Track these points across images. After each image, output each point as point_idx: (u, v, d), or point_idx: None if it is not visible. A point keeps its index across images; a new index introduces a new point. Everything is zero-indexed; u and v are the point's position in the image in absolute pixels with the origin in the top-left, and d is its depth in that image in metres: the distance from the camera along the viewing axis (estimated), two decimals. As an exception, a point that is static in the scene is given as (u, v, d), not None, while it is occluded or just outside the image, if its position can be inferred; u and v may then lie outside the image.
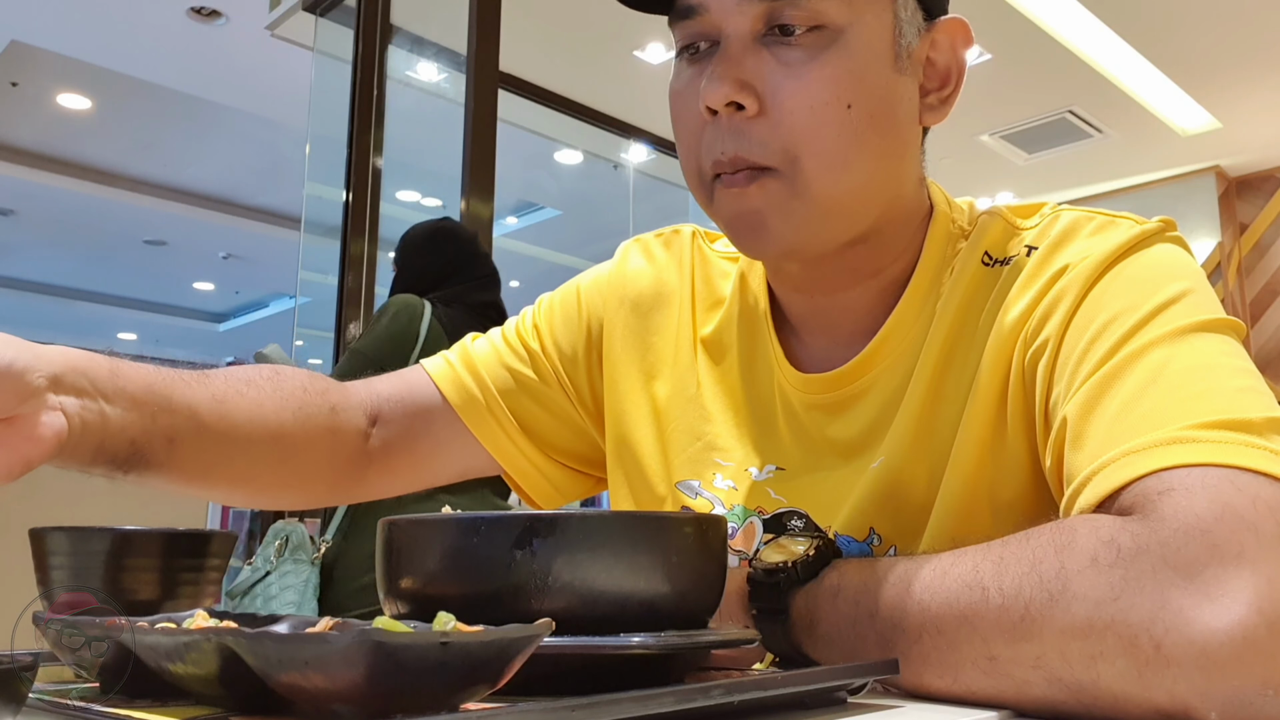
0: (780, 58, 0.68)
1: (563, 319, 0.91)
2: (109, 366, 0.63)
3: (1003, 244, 0.75)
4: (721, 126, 0.69)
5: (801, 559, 0.61)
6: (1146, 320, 0.63)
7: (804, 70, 0.68)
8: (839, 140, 0.68)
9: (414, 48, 4.19)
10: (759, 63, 0.68)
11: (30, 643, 0.50)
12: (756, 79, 0.68)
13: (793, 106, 0.68)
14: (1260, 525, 0.49)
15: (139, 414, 0.63)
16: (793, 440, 0.79)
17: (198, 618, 0.49)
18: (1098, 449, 0.59)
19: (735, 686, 0.44)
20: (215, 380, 0.73)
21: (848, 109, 0.68)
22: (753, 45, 0.69)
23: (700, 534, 0.51)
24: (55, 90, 5.74)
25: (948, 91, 0.75)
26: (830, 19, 0.68)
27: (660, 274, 0.90)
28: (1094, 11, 4.18)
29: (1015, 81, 4.78)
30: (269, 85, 5.24)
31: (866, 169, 0.70)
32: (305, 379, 0.82)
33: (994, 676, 0.53)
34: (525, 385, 0.89)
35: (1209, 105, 5.07)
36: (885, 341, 0.76)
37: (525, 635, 0.38)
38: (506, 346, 0.91)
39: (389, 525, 0.51)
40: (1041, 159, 5.68)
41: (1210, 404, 0.57)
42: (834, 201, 0.70)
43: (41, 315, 9.87)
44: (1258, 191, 5.89)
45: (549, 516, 0.48)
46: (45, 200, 7.19)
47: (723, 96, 0.68)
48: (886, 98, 0.70)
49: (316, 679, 0.35)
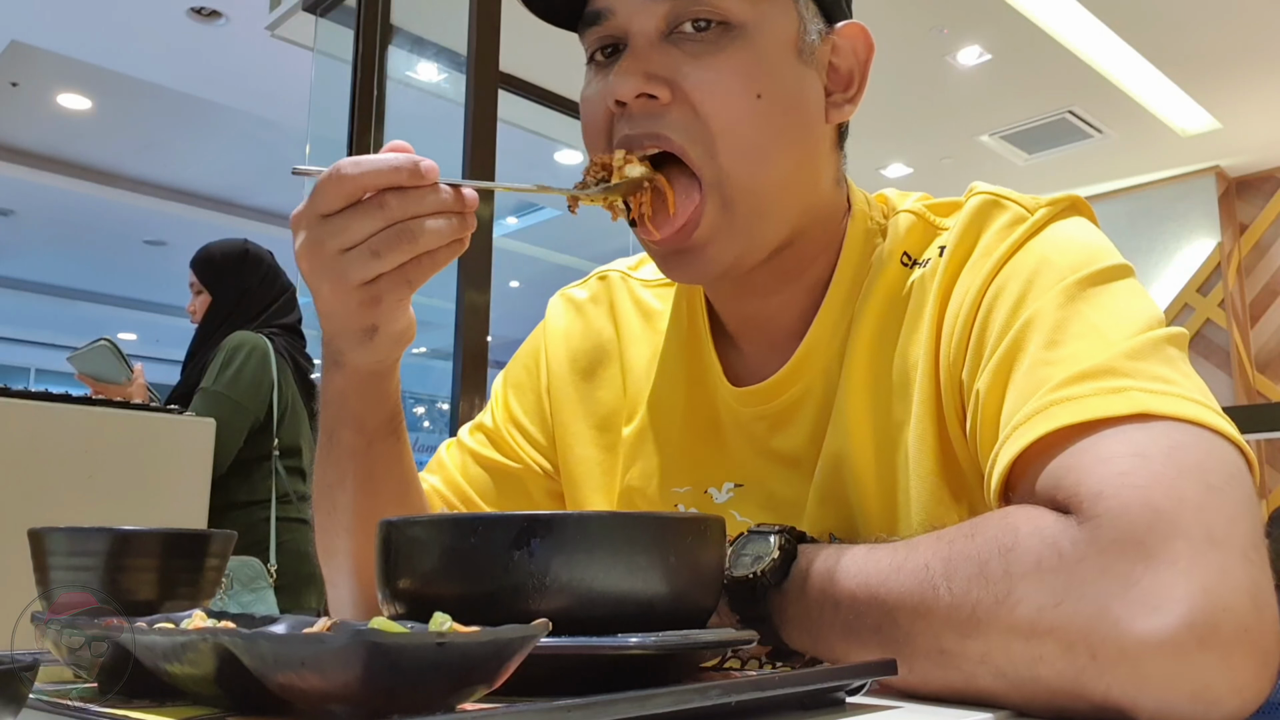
0: (688, 51, 0.70)
1: (521, 402, 0.92)
2: None
3: (922, 244, 0.76)
4: (632, 114, 0.70)
5: (770, 565, 0.62)
6: (1039, 291, 0.65)
7: (712, 60, 0.69)
8: (754, 131, 0.69)
9: (414, 48, 4.18)
10: (666, 57, 0.70)
11: (30, 643, 0.50)
12: (665, 71, 0.69)
13: (704, 94, 0.69)
14: (1189, 527, 0.50)
15: (398, 398, 0.75)
16: (745, 454, 0.79)
17: (196, 618, 0.49)
18: (1004, 420, 0.62)
19: (733, 687, 0.44)
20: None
21: (758, 98, 0.69)
22: (660, 43, 0.70)
23: (698, 534, 0.51)
24: (55, 90, 5.73)
25: (852, 93, 0.76)
26: (734, 15, 0.70)
27: (591, 329, 0.90)
28: (1094, 11, 4.17)
29: (1015, 81, 4.77)
30: (269, 85, 5.23)
31: (783, 163, 0.71)
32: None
33: (944, 668, 0.55)
34: (508, 476, 0.90)
35: (1209, 105, 5.06)
36: (813, 346, 0.76)
37: (522, 636, 0.38)
38: (482, 445, 0.91)
39: (388, 525, 0.51)
40: (1041, 159, 5.67)
41: (1090, 353, 0.60)
42: (756, 198, 0.70)
43: (41, 315, 9.86)
44: (1258, 191, 5.88)
45: (546, 517, 0.48)
46: (45, 200, 7.19)
47: (633, 88, 0.69)
48: (794, 89, 0.72)
49: (313, 679, 0.35)
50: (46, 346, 10.70)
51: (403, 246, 0.62)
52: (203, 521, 1.93)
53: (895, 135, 5.49)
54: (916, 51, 4.54)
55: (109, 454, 1.80)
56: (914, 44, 4.43)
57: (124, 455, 1.83)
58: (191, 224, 7.54)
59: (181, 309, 2.98)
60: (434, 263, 0.64)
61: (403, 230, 0.61)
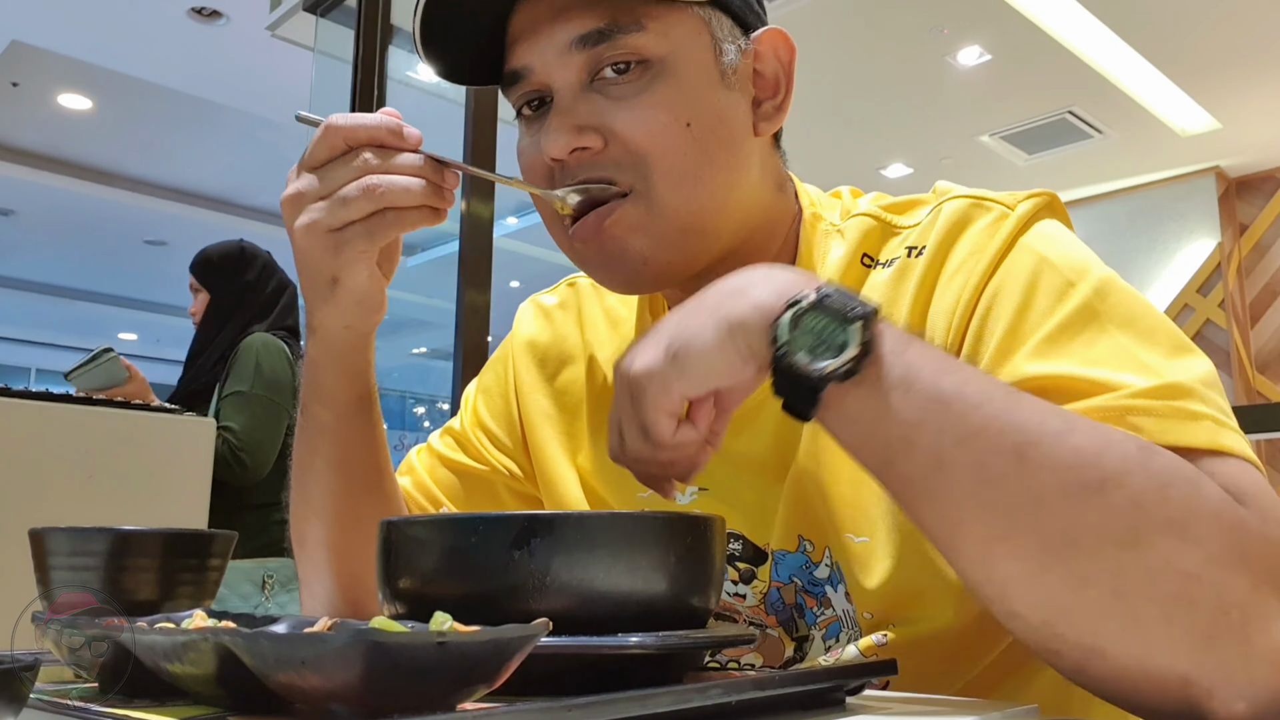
0: (612, 95, 0.70)
1: (489, 407, 0.93)
2: None
3: (880, 244, 0.76)
4: (569, 167, 0.71)
5: (848, 364, 0.52)
6: (1052, 285, 0.65)
7: (637, 101, 0.70)
8: (686, 157, 0.70)
9: (414, 48, 4.18)
10: (592, 106, 0.71)
11: (30, 643, 0.50)
12: (593, 120, 0.70)
13: (634, 135, 0.70)
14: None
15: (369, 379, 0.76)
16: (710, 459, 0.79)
17: (196, 618, 0.49)
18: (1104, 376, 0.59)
19: (733, 686, 0.44)
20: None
21: (687, 127, 0.70)
22: (583, 93, 0.71)
23: (698, 534, 0.51)
24: (55, 90, 5.73)
25: (780, 99, 0.77)
26: (650, 52, 0.70)
27: (559, 334, 0.91)
28: (1094, 11, 4.17)
29: (1015, 82, 4.77)
30: (269, 85, 5.23)
31: (716, 182, 0.72)
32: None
33: (1082, 554, 0.50)
34: (475, 479, 0.91)
35: (1209, 105, 5.07)
36: None
37: (522, 635, 0.38)
38: (450, 449, 0.92)
39: (388, 525, 0.51)
40: (1041, 159, 5.67)
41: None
42: (690, 217, 0.71)
43: (41, 315, 9.87)
44: (1258, 192, 5.88)
45: (547, 517, 0.48)
46: (45, 200, 7.19)
47: (565, 145, 0.70)
48: (722, 113, 0.73)
49: (313, 679, 0.35)
50: (46, 346, 10.70)
51: (370, 197, 0.65)
52: (203, 521, 1.93)
53: (895, 135, 5.49)
54: (916, 51, 4.54)
55: (109, 454, 1.80)
56: (914, 44, 4.43)
57: (124, 455, 1.83)
58: (191, 224, 7.54)
59: (182, 309, 2.98)
60: (399, 221, 0.66)
61: (373, 182, 0.65)
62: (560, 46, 0.70)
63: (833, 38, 4.39)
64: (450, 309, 2.60)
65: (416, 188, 0.66)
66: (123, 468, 1.82)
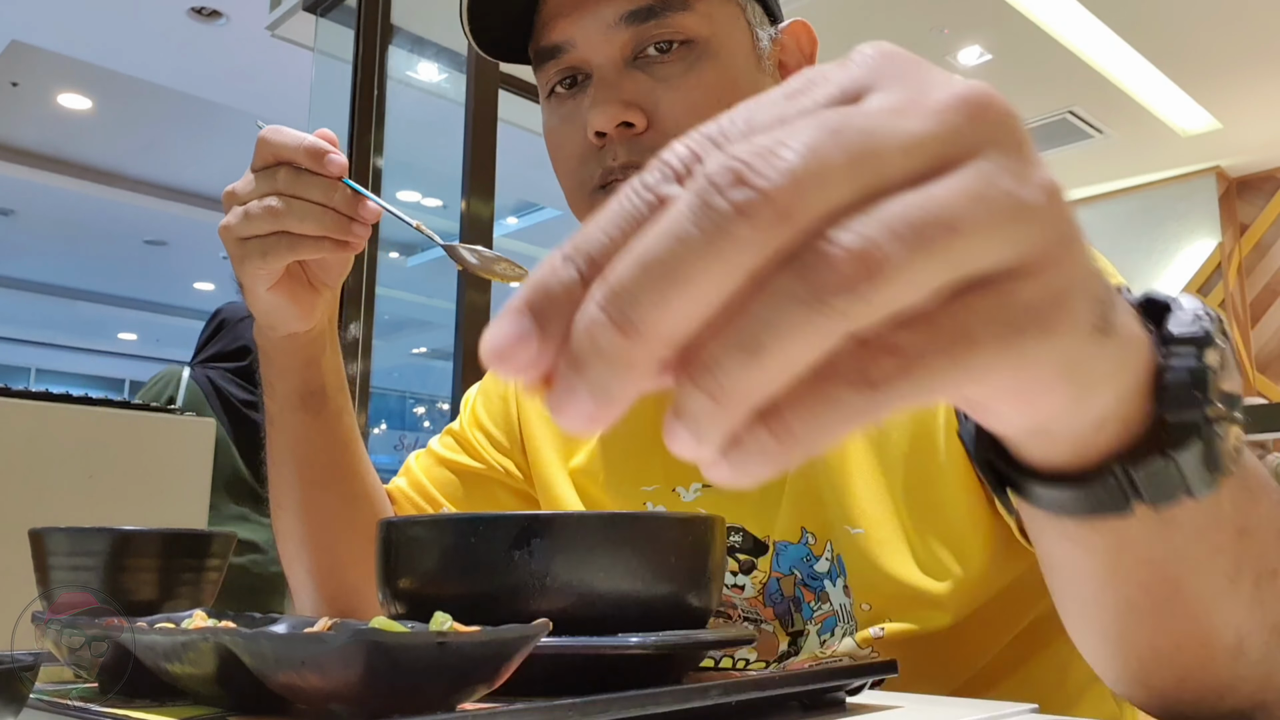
0: (657, 75, 0.70)
1: (488, 408, 0.93)
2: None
3: None
4: (613, 145, 0.70)
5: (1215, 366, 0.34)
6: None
7: (682, 82, 0.70)
8: None
9: (414, 48, 4.18)
10: (637, 84, 0.70)
11: (30, 643, 0.50)
12: (639, 98, 0.70)
13: (679, 117, 0.69)
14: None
15: (338, 378, 0.78)
16: None
17: (196, 618, 0.49)
18: None
19: (734, 686, 0.44)
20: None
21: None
22: (626, 70, 0.71)
23: (698, 534, 0.51)
24: (55, 90, 5.73)
25: None
26: (694, 33, 0.70)
27: None
28: (1094, 11, 4.17)
29: (1015, 81, 4.77)
30: (269, 85, 5.23)
31: None
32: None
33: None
34: (474, 477, 0.91)
35: (1209, 105, 5.06)
36: None
37: (522, 635, 0.38)
38: (450, 449, 0.92)
39: (388, 525, 0.51)
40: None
41: None
42: None
43: (41, 315, 9.86)
44: (1258, 192, 5.88)
45: (547, 517, 0.48)
46: (45, 200, 7.18)
47: (611, 118, 0.69)
48: None
49: (313, 678, 0.35)
50: (46, 346, 10.69)
51: (268, 216, 0.65)
52: (203, 521, 1.93)
53: (895, 135, 5.48)
54: (916, 51, 4.48)
55: (109, 454, 1.80)
56: (914, 44, 4.42)
57: (124, 455, 1.83)
58: (191, 224, 7.54)
59: (182, 309, 2.98)
60: (295, 247, 0.67)
61: (272, 204, 0.65)
62: (606, 22, 0.70)
63: (833, 38, 4.38)
64: (450, 309, 2.60)
65: (322, 217, 0.66)
66: (123, 468, 1.82)
